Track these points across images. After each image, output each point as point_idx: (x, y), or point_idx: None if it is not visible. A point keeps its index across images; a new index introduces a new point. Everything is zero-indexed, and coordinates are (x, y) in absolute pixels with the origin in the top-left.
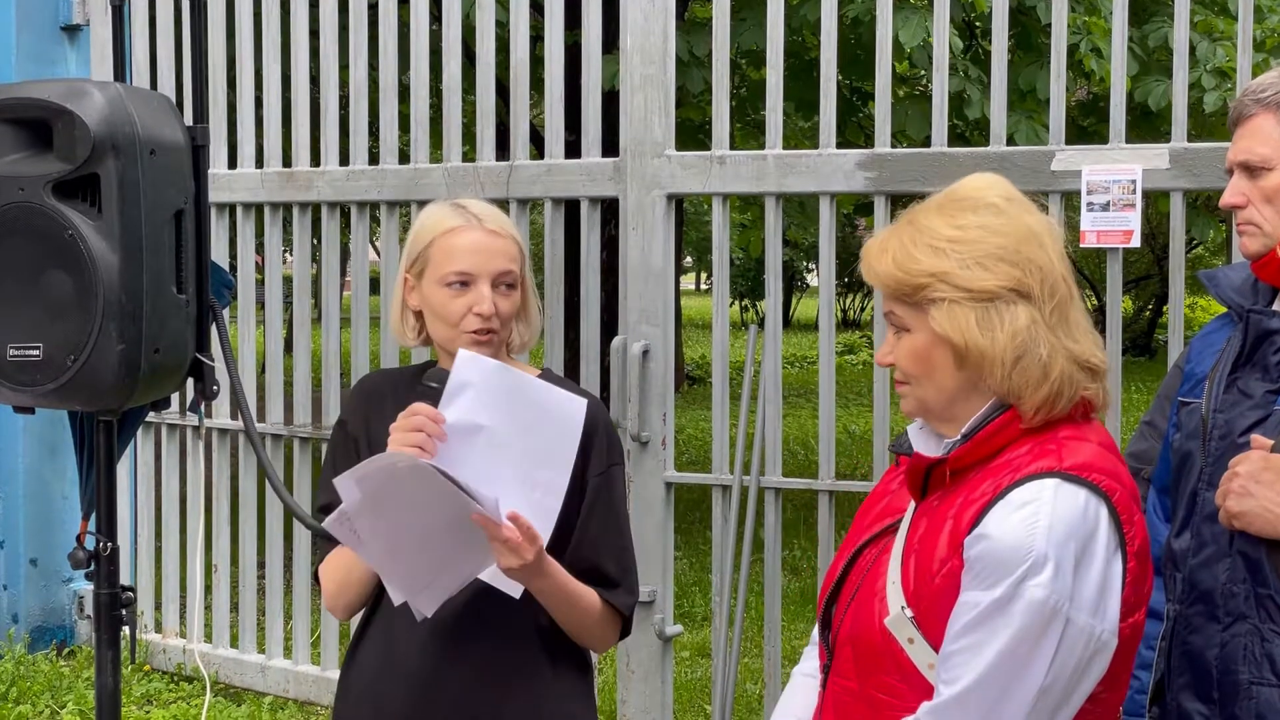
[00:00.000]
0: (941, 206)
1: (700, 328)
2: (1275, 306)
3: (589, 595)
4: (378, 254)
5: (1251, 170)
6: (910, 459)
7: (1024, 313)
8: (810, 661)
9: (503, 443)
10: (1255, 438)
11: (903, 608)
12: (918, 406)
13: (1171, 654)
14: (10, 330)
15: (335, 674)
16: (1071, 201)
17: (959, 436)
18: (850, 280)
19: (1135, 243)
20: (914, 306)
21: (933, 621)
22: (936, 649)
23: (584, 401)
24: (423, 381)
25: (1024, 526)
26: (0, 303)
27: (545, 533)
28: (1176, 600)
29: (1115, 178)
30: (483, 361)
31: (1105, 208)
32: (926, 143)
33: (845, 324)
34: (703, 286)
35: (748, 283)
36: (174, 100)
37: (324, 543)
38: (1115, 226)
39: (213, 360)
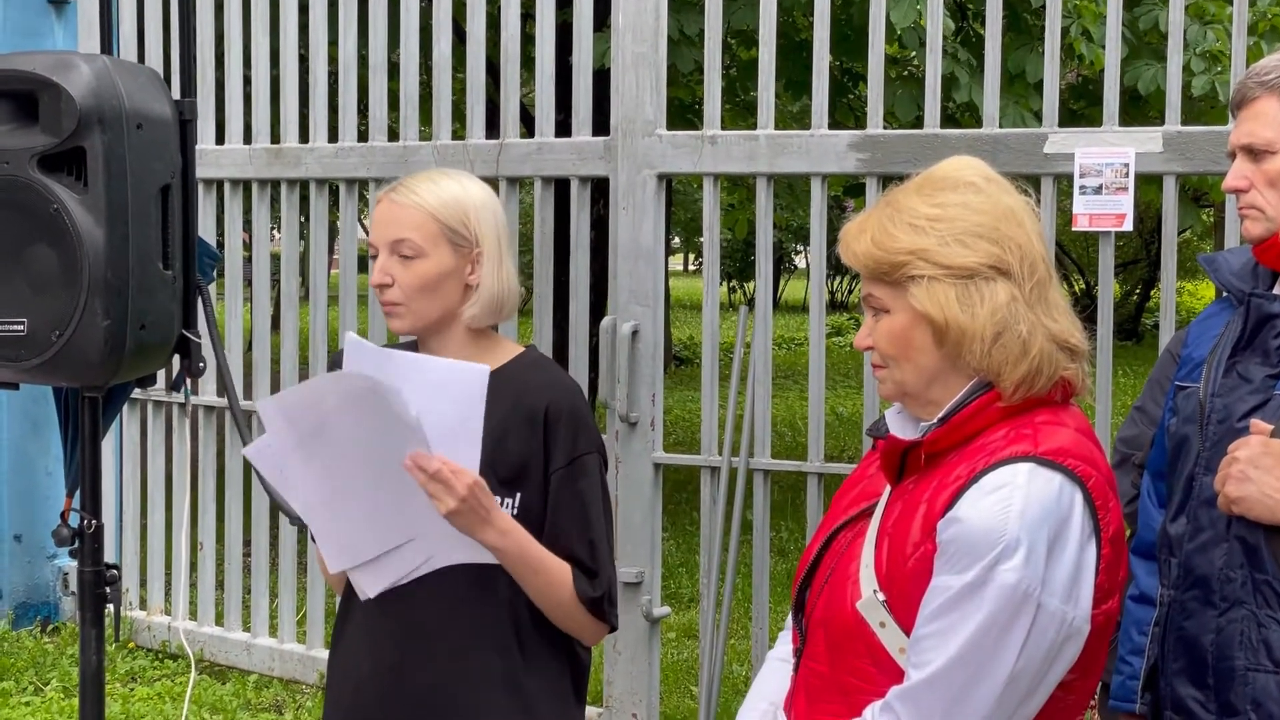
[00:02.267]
0: (920, 187)
1: (688, 308)
2: (1276, 290)
3: (557, 565)
4: (365, 232)
5: (1255, 153)
6: (885, 442)
7: (1003, 289)
8: (785, 646)
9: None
10: (1255, 422)
11: (875, 591)
12: (895, 390)
13: (1166, 640)
14: None
15: (320, 653)
16: (1062, 185)
17: (936, 419)
18: (839, 262)
19: (1128, 226)
20: (893, 286)
21: (905, 605)
22: (908, 633)
23: (484, 368)
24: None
25: (997, 510)
26: None
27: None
28: (1171, 585)
29: (1108, 161)
30: (366, 348)
31: (1098, 191)
32: (915, 124)
33: (833, 306)
34: (690, 267)
35: (735, 263)
36: (161, 75)
37: None
38: (1107, 210)
39: (199, 337)
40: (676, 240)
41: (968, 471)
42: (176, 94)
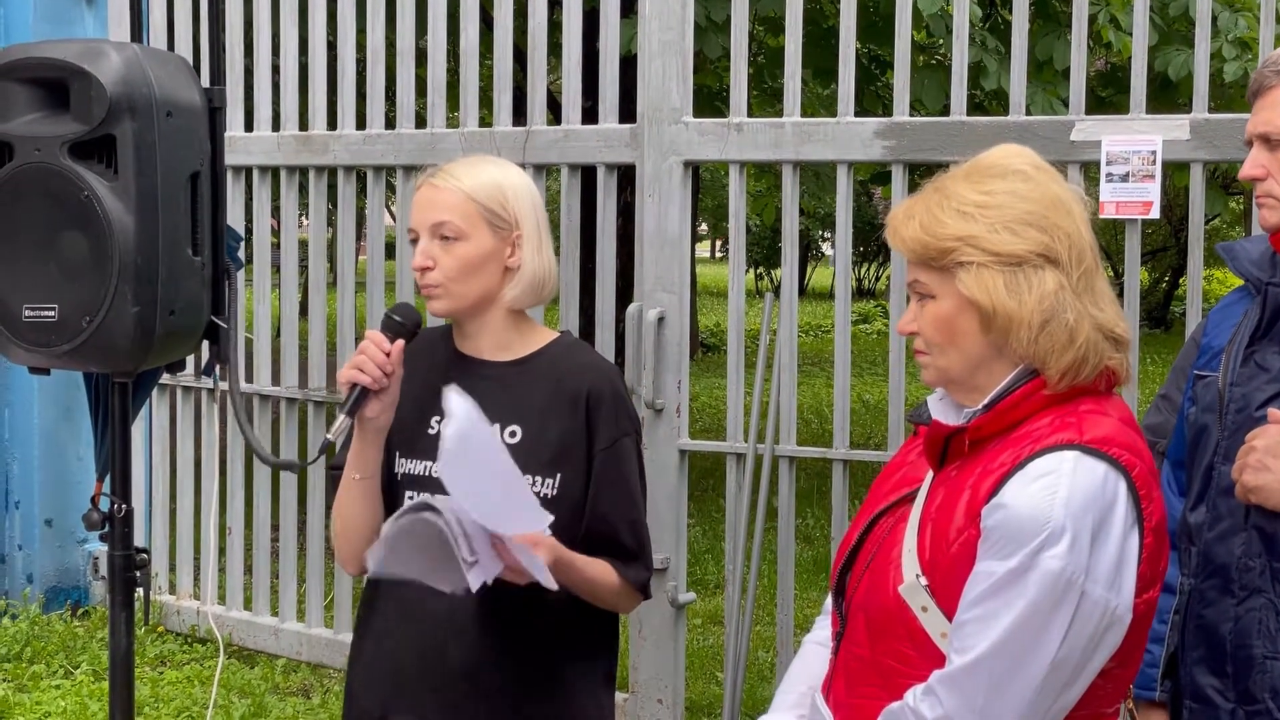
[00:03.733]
0: (969, 174)
1: (715, 295)
2: None
3: (607, 575)
4: (393, 218)
5: (1271, 142)
6: (929, 428)
7: (1051, 278)
8: (822, 630)
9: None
10: (1273, 411)
11: (917, 576)
12: (939, 376)
13: (1185, 628)
14: (26, 291)
15: (348, 637)
16: (1089, 172)
17: (981, 406)
18: (865, 249)
19: (1155, 214)
20: (940, 272)
21: (947, 590)
22: (950, 618)
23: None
24: (388, 313)
25: (1042, 497)
26: (16, 263)
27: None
28: (1191, 574)
29: (1135, 148)
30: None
31: (1124, 178)
32: (942, 112)
33: (860, 293)
34: (717, 254)
35: (762, 250)
36: (191, 63)
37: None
38: (1134, 197)
39: (228, 323)
40: (704, 227)
41: (1012, 458)
42: (206, 82)
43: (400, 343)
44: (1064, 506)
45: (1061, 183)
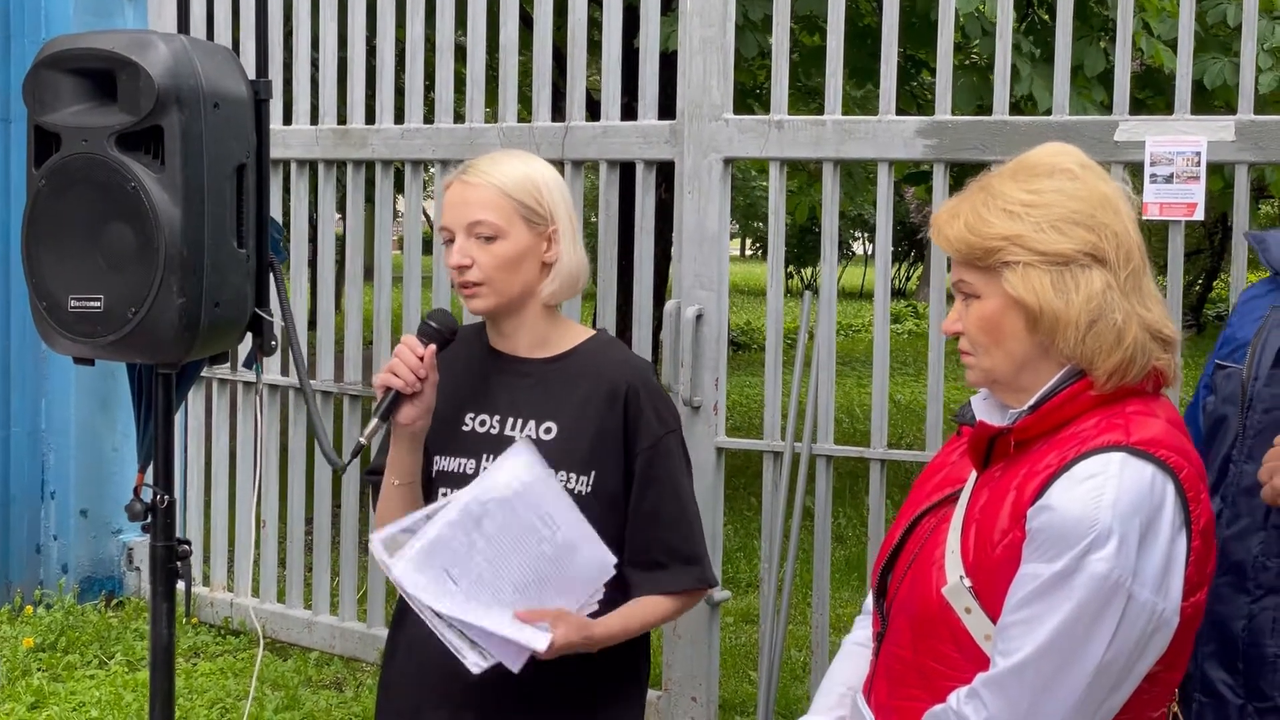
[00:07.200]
0: (1014, 173)
1: (744, 294)
2: None
3: (650, 612)
4: (427, 218)
5: None
6: (973, 429)
7: (1099, 277)
8: (862, 630)
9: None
10: None
11: (961, 577)
12: (983, 377)
13: None
14: (72, 281)
15: (381, 631)
16: (1126, 174)
17: (1027, 406)
18: (897, 249)
19: (1199, 216)
20: (986, 271)
21: (991, 592)
22: (994, 620)
23: (611, 559)
24: (424, 319)
25: (1089, 499)
26: (62, 254)
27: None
28: None
29: (1179, 149)
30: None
31: (1168, 179)
32: (980, 112)
33: (891, 293)
34: (747, 252)
35: (791, 249)
36: None
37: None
38: (1178, 199)
39: (271, 315)
40: (733, 225)
41: (1058, 460)
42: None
43: (433, 348)
44: (1111, 509)
45: (1109, 181)
